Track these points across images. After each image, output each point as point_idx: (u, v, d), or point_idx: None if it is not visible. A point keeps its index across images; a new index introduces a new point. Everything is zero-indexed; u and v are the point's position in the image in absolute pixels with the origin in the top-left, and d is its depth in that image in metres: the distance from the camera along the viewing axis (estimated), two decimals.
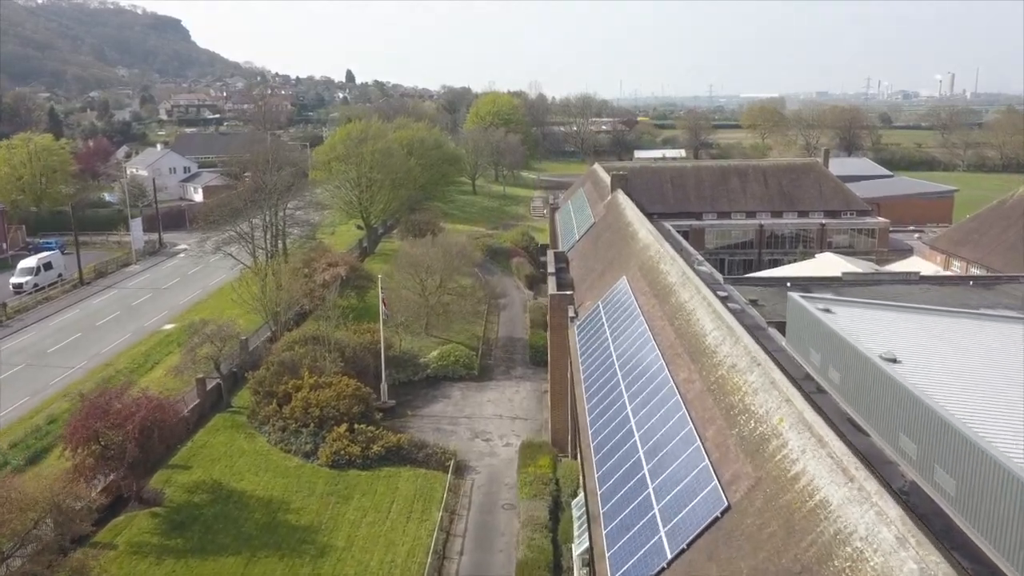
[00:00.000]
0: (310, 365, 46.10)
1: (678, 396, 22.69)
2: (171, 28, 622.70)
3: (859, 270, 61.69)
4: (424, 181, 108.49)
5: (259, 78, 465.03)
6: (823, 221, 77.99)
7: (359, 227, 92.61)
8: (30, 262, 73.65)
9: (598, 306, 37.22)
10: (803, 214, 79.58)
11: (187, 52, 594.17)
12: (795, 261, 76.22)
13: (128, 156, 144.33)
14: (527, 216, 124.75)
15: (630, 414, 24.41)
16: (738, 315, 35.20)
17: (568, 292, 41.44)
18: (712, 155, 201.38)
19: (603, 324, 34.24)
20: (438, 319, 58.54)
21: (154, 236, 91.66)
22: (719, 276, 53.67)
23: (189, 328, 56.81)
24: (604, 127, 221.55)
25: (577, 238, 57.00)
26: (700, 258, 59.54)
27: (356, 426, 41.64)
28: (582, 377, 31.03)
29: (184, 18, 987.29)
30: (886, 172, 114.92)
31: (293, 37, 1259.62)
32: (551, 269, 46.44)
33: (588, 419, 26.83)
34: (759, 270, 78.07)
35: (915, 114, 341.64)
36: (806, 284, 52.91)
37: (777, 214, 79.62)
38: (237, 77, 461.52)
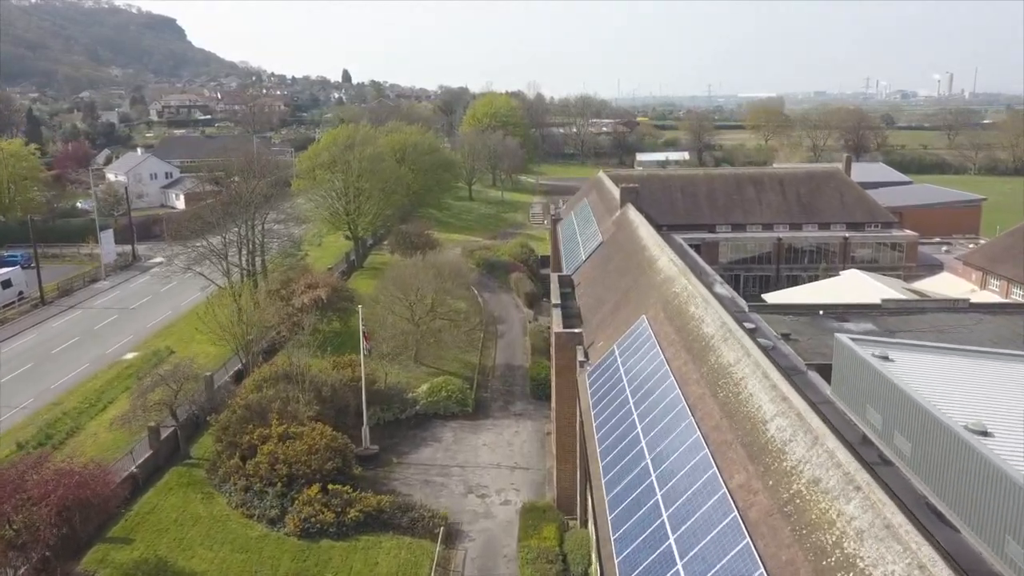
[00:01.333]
0: (280, 410, 40.27)
1: (736, 513, 16.88)
2: (167, 27, 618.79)
3: (893, 292, 56.06)
4: (417, 188, 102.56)
5: (254, 78, 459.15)
6: (846, 234, 72.27)
7: (348, 237, 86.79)
8: None
9: (613, 352, 31.42)
10: (824, 226, 73.86)
11: (182, 52, 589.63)
12: (817, 277, 70.59)
13: (108, 160, 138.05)
14: (526, 224, 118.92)
15: (667, 524, 18.62)
16: (770, 353, 29.59)
17: (576, 330, 35.64)
18: (716, 157, 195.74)
19: (622, 379, 28.43)
20: (429, 348, 52.76)
21: (128, 248, 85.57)
22: (742, 302, 47.95)
23: (142, 368, 51.17)
24: (604, 128, 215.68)
25: (583, 259, 51.21)
26: (718, 279, 53.85)
27: (330, 486, 35.81)
28: (598, 450, 25.24)
29: (180, 17, 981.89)
30: (904, 178, 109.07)
31: (292, 37, 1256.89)
32: (555, 299, 40.62)
33: (609, 518, 21.03)
34: (777, 286, 72.44)
35: (915, 114, 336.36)
36: (842, 312, 47.44)
37: (796, 226, 73.90)
38: (232, 77, 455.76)
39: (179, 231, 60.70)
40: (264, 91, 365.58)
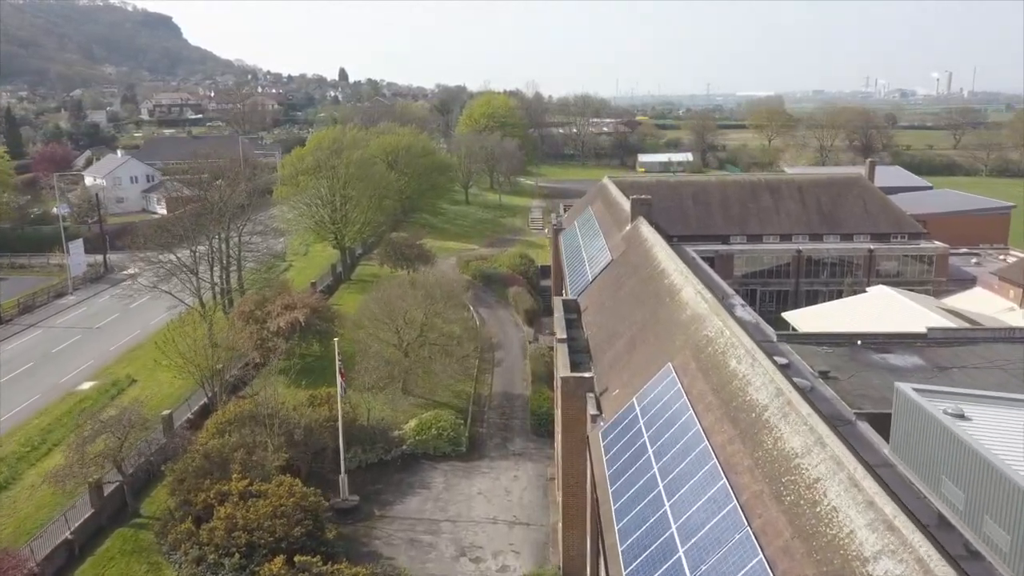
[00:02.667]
0: (243, 460, 34.97)
1: None
2: (162, 25, 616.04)
3: (928, 312, 50.70)
4: (410, 193, 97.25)
5: (250, 76, 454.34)
6: (871, 246, 66.89)
7: (335, 247, 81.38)
8: None
9: (633, 408, 26.10)
10: (846, 237, 68.49)
11: (178, 50, 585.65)
12: (840, 293, 65.34)
13: (89, 162, 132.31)
14: (525, 229, 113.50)
15: None
16: (808, 396, 24.50)
17: (587, 375, 30.30)
18: (720, 158, 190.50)
19: (646, 449, 23.12)
20: (418, 380, 47.46)
21: (100, 258, 79.98)
22: (769, 330, 42.72)
23: (98, 401, 45.79)
24: (605, 128, 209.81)
25: (590, 279, 45.86)
26: (740, 300, 48.57)
27: (297, 558, 30.40)
28: (619, 549, 19.92)
29: (176, 15, 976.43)
30: (924, 183, 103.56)
31: (291, 36, 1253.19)
32: (560, 333, 35.22)
33: None
34: (796, 302, 67.15)
35: (916, 113, 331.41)
36: (883, 343, 42.21)
37: (816, 237, 68.53)
38: (228, 75, 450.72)
39: (144, 244, 55.23)
40: (260, 89, 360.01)
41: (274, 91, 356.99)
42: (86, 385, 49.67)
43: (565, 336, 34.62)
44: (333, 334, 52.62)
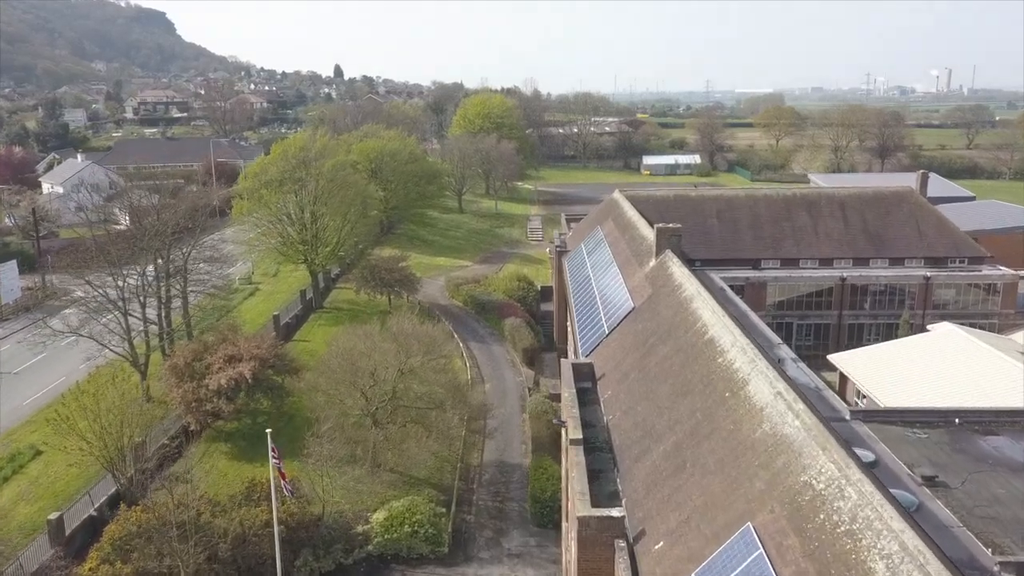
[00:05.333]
0: None
1: None
2: (156, 21, 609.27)
3: (1016, 363, 41.35)
4: (395, 203, 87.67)
5: (242, 73, 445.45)
6: (927, 272, 57.39)
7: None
8: None
9: None
10: (896, 261, 59.07)
11: (171, 46, 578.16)
12: (891, 328, 55.93)
13: (51, 167, 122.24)
14: (523, 241, 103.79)
15: None
16: (918, 518, 15.30)
17: (615, 513, 20.71)
18: (729, 160, 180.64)
19: None
20: (388, 454, 37.89)
21: (41, 281, 70.20)
22: (836, 401, 33.24)
23: None
24: (607, 128, 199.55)
25: (606, 331, 36.31)
26: (789, 351, 39.04)
27: None
28: None
29: (170, 11, 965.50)
30: (965, 192, 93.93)
31: (288, 33, 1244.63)
32: (575, 429, 25.54)
33: None
34: (839, 339, 57.73)
35: (920, 111, 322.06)
36: (989, 423, 32.91)
37: (861, 262, 59.10)
38: (221, 72, 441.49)
39: (64, 268, 45.78)
40: (252, 86, 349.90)
41: (266, 88, 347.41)
42: None
43: (580, 436, 25.00)
44: (287, 392, 43.23)
